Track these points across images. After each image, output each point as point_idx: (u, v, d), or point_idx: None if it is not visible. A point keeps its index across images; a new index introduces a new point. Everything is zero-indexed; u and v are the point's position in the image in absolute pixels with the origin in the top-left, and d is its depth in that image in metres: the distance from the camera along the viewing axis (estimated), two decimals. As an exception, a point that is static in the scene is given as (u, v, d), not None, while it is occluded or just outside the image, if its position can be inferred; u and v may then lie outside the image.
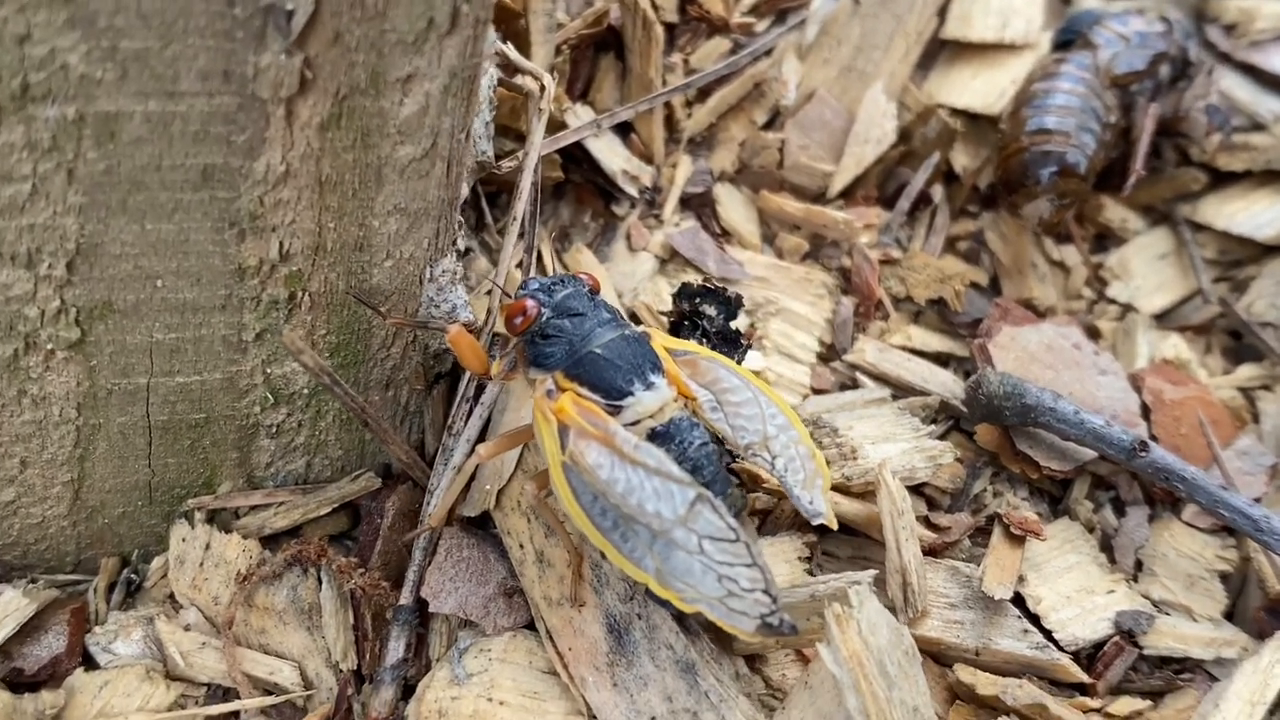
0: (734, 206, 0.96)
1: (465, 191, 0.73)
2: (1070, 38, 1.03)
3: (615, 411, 0.68)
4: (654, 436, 0.67)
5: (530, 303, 0.70)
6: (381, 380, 0.77)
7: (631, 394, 0.68)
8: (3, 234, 0.61)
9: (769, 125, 0.99)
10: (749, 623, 0.64)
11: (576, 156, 0.94)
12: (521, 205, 0.82)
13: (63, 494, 0.74)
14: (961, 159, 1.02)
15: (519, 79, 0.87)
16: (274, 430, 0.76)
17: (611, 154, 0.95)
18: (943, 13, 1.06)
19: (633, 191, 0.95)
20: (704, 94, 0.98)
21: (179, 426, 0.73)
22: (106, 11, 0.55)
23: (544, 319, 0.70)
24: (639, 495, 0.65)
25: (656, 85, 0.95)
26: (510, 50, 0.78)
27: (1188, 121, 1.05)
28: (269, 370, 0.73)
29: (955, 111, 1.03)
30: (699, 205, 0.96)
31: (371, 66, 0.61)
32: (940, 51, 1.07)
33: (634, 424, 0.68)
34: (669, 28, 0.96)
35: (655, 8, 0.95)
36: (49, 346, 0.66)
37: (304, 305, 0.70)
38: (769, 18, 1.03)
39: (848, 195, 0.99)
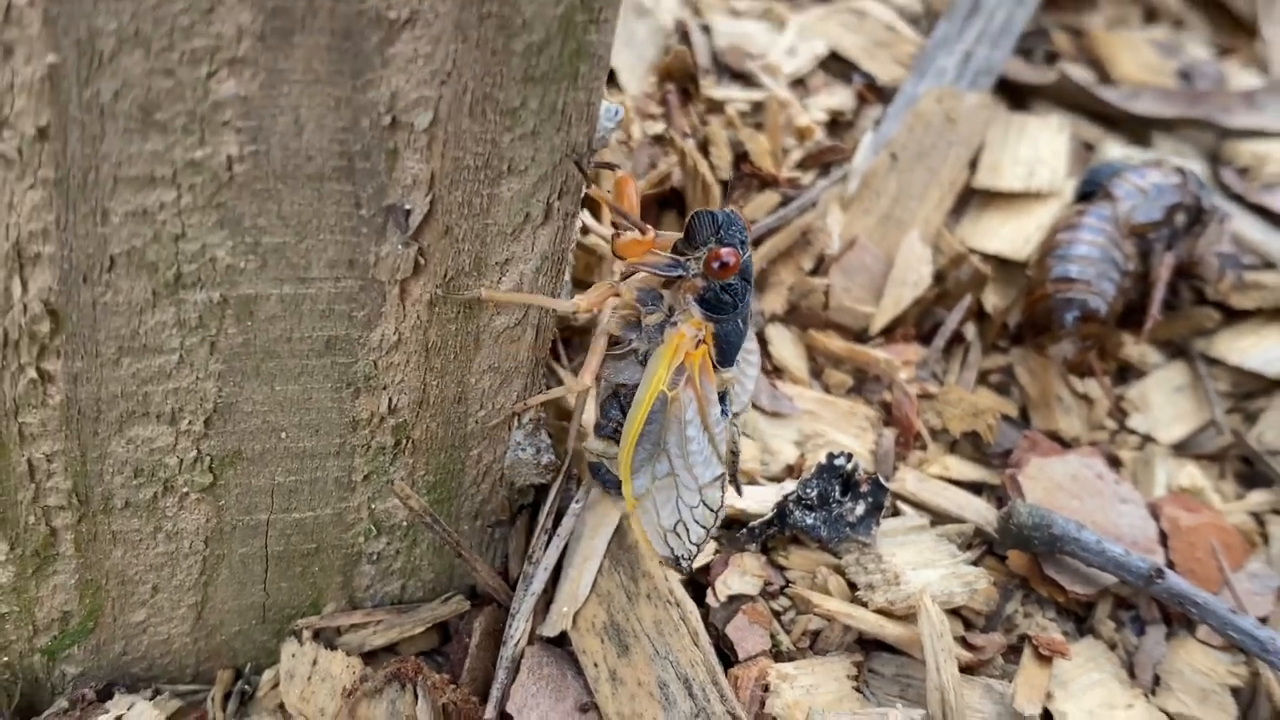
0: (784, 345, 1.02)
1: (548, 350, 0.79)
2: (1092, 189, 1.09)
3: None
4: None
5: (739, 255, 0.71)
6: (471, 512, 0.83)
7: (731, 366, 0.76)
8: (150, 396, 0.68)
9: (815, 270, 1.05)
10: (665, 550, 0.77)
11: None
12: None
13: (187, 615, 0.80)
14: (992, 299, 1.08)
15: (592, 239, 0.94)
16: (375, 557, 0.82)
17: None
18: (974, 164, 1.12)
19: (692, 330, 1.00)
20: (756, 243, 1.04)
21: (292, 555, 0.79)
22: (251, 214, 0.62)
23: (743, 273, 0.72)
24: (697, 456, 0.75)
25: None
26: (585, 216, 0.85)
27: (1202, 265, 1.10)
28: (373, 506, 0.79)
29: (986, 256, 1.08)
30: (752, 344, 1.02)
31: (475, 253, 0.68)
32: (971, 199, 1.12)
33: None
34: (724, 184, 1.02)
35: (712, 168, 1.01)
36: (184, 490, 0.73)
37: (407, 450, 0.76)
38: (814, 171, 1.10)
39: (888, 333, 1.04)
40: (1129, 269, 1.04)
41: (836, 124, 1.16)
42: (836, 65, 1.22)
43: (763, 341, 1.02)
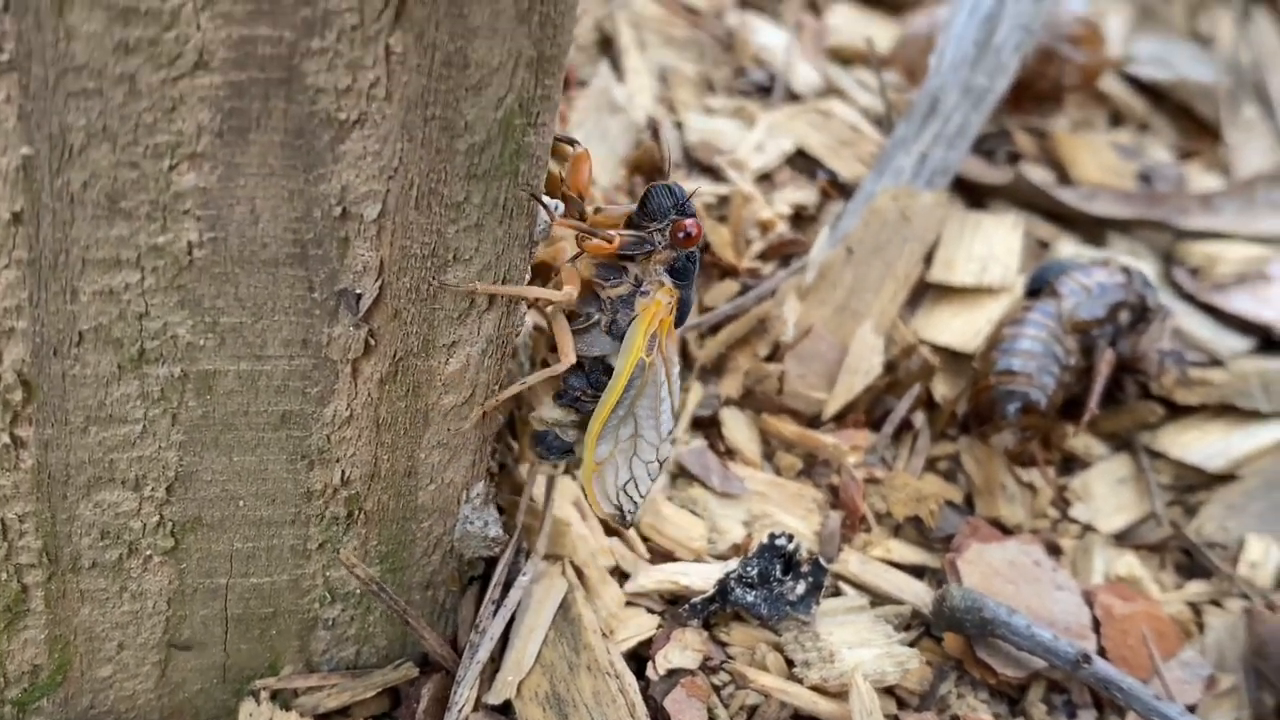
0: (738, 428, 1.05)
1: (498, 427, 0.83)
2: (1039, 286, 1.13)
3: None
4: None
5: (700, 225, 0.76)
6: (422, 582, 0.86)
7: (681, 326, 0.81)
8: (116, 463, 0.71)
9: (771, 357, 1.09)
10: (613, 509, 0.83)
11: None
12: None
13: (151, 672, 0.83)
14: (941, 389, 1.11)
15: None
16: (330, 623, 0.85)
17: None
18: (930, 258, 1.16)
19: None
20: (715, 329, 1.08)
21: (251, 619, 0.82)
22: (210, 295, 0.66)
23: (699, 246, 0.77)
24: (665, 413, 0.81)
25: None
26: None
27: (1146, 361, 1.13)
28: (328, 574, 0.82)
29: (937, 348, 1.12)
30: (707, 426, 1.06)
31: (423, 335, 0.72)
32: (926, 293, 1.17)
33: None
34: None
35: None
36: (148, 553, 0.76)
37: (360, 521, 0.80)
38: (775, 262, 1.14)
39: (840, 419, 1.08)
40: (1071, 364, 1.07)
41: (800, 217, 1.21)
42: (803, 162, 1.27)
43: (716, 424, 1.05)
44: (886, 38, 1.44)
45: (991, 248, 1.17)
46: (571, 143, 0.78)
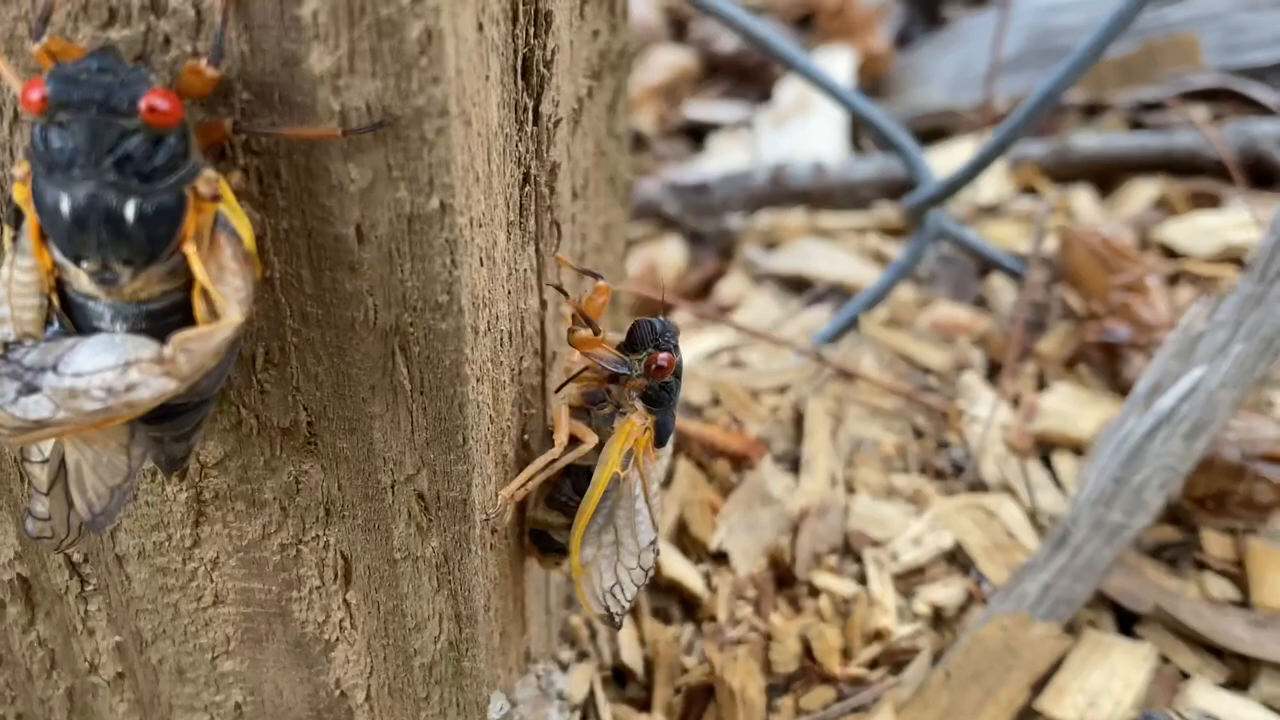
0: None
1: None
2: (1139, 739, 1.11)
3: None
4: None
5: (674, 359, 0.83)
6: None
7: (664, 446, 0.89)
8: None
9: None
10: (601, 609, 0.90)
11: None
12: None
13: None
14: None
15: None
16: None
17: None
18: (1041, 684, 1.17)
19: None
20: (808, 730, 1.17)
21: None
22: None
23: (675, 373, 0.85)
24: (641, 524, 0.88)
25: None
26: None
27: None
28: None
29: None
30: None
31: (416, 778, 0.90)
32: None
33: None
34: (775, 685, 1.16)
35: (757, 669, 1.16)
36: None
37: None
38: (885, 668, 1.20)
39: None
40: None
41: (939, 619, 1.26)
42: (964, 556, 1.31)
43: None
44: (1095, 422, 1.44)
45: (1111, 680, 1.16)
46: (596, 276, 0.86)
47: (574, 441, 0.83)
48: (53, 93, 0.53)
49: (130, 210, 0.54)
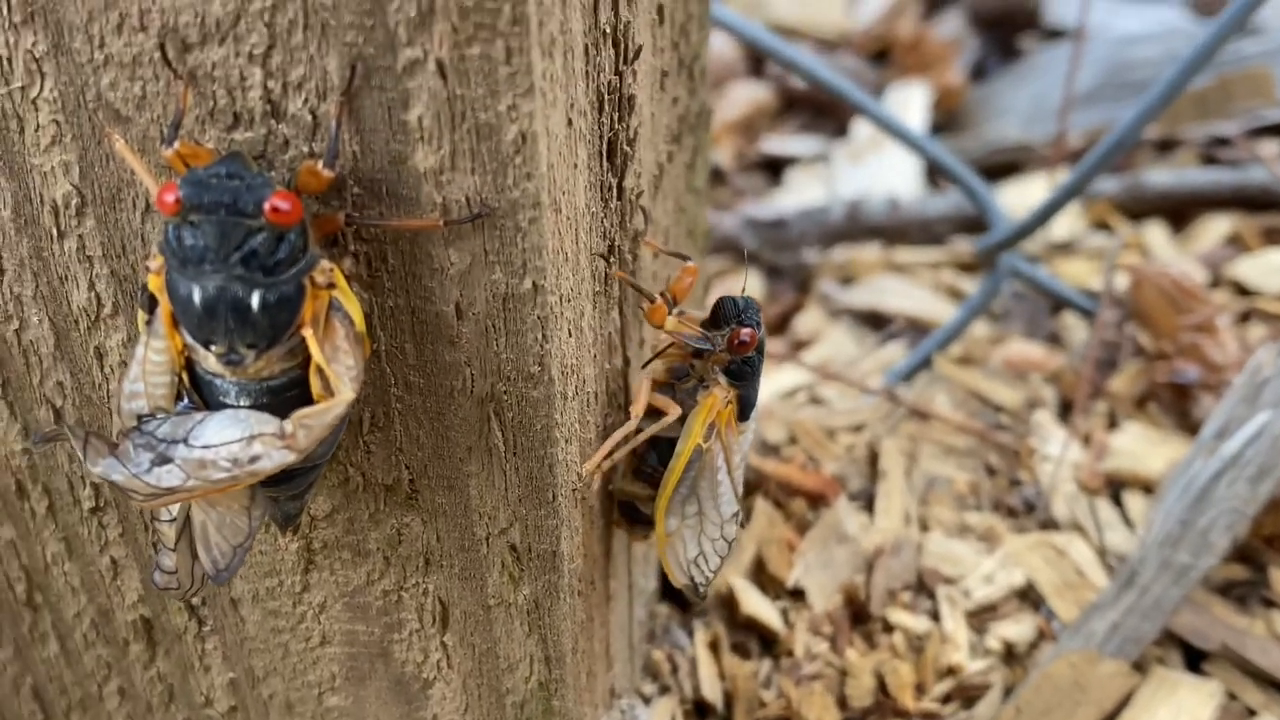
0: None
1: None
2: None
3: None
4: None
5: (756, 335, 0.84)
6: None
7: (747, 420, 0.90)
8: None
9: (929, 800, 1.18)
10: (686, 579, 0.92)
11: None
12: None
13: None
14: None
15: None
16: None
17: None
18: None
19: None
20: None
21: None
22: (361, 764, 0.93)
23: (758, 348, 0.88)
24: (724, 496, 0.89)
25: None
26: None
27: None
28: None
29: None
30: None
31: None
32: (1104, 756, 1.19)
33: None
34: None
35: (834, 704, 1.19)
36: None
37: None
38: (958, 702, 1.23)
39: None
40: None
41: (1011, 655, 1.28)
42: (1035, 593, 1.33)
43: None
44: (1165, 462, 1.46)
45: (1178, 717, 1.17)
46: (683, 258, 0.89)
47: (656, 414, 0.86)
48: (185, 196, 0.58)
49: (255, 301, 0.60)
